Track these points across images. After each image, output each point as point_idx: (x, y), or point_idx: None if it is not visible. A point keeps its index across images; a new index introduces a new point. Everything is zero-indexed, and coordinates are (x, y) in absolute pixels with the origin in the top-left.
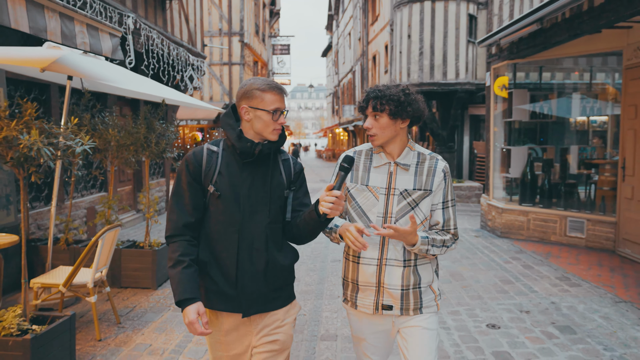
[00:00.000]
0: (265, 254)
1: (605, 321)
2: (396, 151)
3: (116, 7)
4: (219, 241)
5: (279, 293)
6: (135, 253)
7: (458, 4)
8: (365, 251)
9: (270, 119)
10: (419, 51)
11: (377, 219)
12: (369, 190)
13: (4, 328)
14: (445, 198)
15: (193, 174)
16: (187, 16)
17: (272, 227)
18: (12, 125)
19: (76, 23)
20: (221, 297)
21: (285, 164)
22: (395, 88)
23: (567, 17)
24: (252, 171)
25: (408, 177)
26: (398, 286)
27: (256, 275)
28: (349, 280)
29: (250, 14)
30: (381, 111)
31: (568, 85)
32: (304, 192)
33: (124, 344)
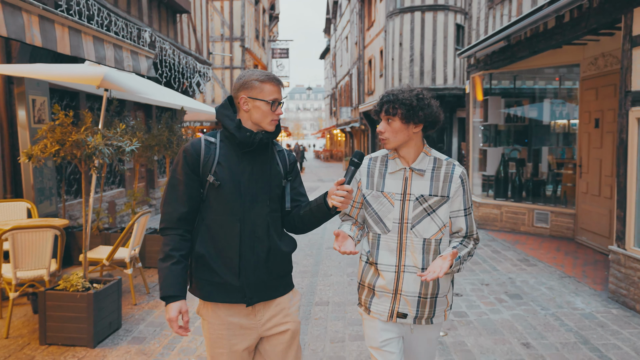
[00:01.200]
0: (267, 242)
1: (549, 290)
2: (411, 156)
3: (135, 23)
4: (220, 232)
5: (280, 281)
6: (157, 238)
7: (446, 14)
8: (383, 257)
9: (269, 109)
10: (410, 58)
11: (394, 225)
12: (384, 197)
13: (72, 285)
14: (466, 205)
15: (191, 165)
16: (194, 27)
17: (272, 216)
18: (82, 130)
19: (124, 50)
20: (224, 288)
21: (281, 154)
22: (408, 92)
23: (528, 36)
24: (251, 161)
25: (424, 182)
26: (416, 293)
27: (258, 264)
28: (365, 284)
29: (251, 20)
30: (393, 115)
31: (539, 92)
32: (299, 182)
33: (154, 307)
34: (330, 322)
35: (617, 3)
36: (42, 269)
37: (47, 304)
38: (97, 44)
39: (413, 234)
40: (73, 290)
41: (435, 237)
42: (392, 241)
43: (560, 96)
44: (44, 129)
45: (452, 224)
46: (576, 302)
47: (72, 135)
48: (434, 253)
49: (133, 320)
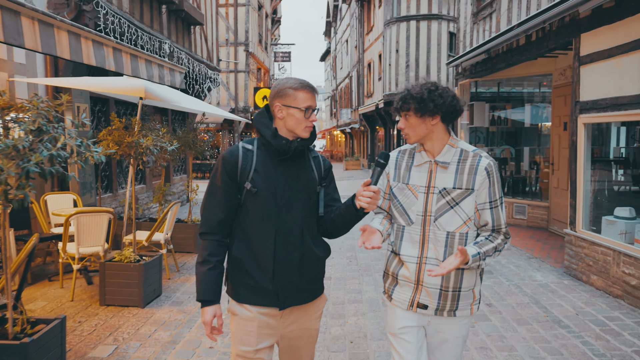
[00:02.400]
0: (300, 247)
1: (516, 268)
2: (436, 149)
3: (157, 36)
4: (256, 237)
5: (311, 285)
6: (181, 226)
7: (439, 23)
8: (405, 248)
9: (303, 116)
10: (406, 64)
11: (417, 218)
12: (408, 189)
13: (126, 257)
14: (492, 197)
15: (229, 173)
16: (206, 37)
17: (307, 221)
18: (135, 133)
19: (165, 68)
20: (258, 291)
21: (316, 161)
22: (419, 86)
23: (505, 50)
24: (287, 168)
25: (448, 175)
26: (437, 286)
27: (291, 268)
28: (390, 272)
29: (254, 25)
30: (407, 110)
31: (520, 97)
32: (333, 188)
33: (185, 281)
34: (332, 291)
35: (569, 28)
36: (99, 246)
37: (107, 273)
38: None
39: (436, 227)
40: (127, 262)
41: (460, 230)
42: (415, 233)
43: (539, 101)
44: (103, 132)
45: (479, 217)
46: (536, 276)
47: (127, 137)
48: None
49: (170, 289)
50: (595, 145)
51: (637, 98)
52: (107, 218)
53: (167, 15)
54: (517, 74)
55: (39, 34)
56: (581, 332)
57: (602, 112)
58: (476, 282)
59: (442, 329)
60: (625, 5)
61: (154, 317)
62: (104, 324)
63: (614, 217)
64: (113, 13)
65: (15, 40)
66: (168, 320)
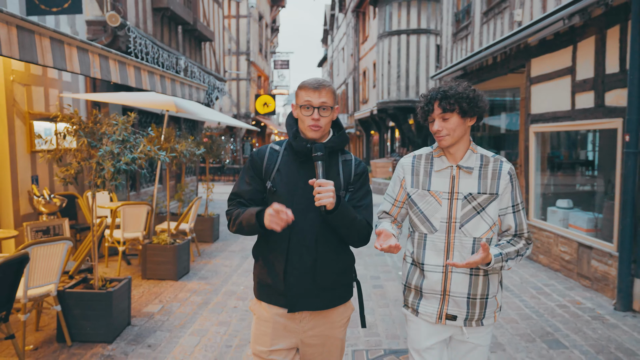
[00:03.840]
0: (314, 251)
1: None
2: (459, 153)
3: (174, 53)
4: (272, 236)
5: (329, 293)
6: (200, 219)
7: (428, 37)
8: (429, 257)
9: (302, 114)
10: (397, 74)
11: (441, 224)
12: (431, 195)
13: (162, 240)
14: (515, 201)
15: (255, 170)
16: (214, 51)
17: (324, 227)
18: (172, 139)
19: (193, 86)
20: (271, 290)
21: (346, 164)
22: (460, 86)
23: (477, 68)
24: (309, 170)
25: (472, 180)
26: (465, 294)
27: (304, 272)
28: (412, 286)
29: (255, 35)
30: (451, 111)
31: (498, 106)
32: (362, 194)
33: (207, 262)
34: None
35: (523, 54)
36: (139, 232)
37: (147, 253)
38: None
39: (462, 233)
40: (164, 244)
41: (486, 236)
42: (439, 241)
43: (512, 110)
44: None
45: (501, 222)
46: None
47: (164, 144)
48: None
49: (195, 269)
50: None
51: (568, 113)
52: (146, 210)
53: (182, 34)
54: (491, 87)
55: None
56: (521, 293)
57: (546, 123)
58: (498, 289)
59: (469, 338)
60: (560, 39)
61: (186, 287)
62: (149, 291)
63: (556, 208)
64: (140, 36)
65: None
66: (198, 290)
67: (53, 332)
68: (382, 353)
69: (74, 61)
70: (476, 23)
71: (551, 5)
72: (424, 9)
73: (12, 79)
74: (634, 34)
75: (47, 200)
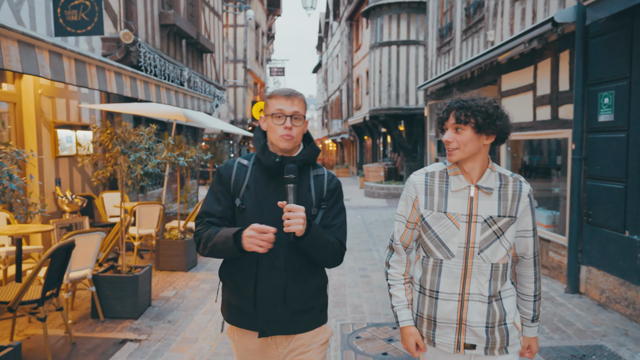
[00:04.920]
0: (284, 274)
1: None
2: (476, 172)
3: (178, 64)
4: (240, 259)
5: (301, 316)
6: None
7: (417, 48)
8: (445, 285)
9: (273, 122)
10: (388, 83)
11: (459, 250)
12: (448, 218)
13: (174, 236)
14: (534, 225)
15: (224, 185)
16: (214, 61)
17: (294, 247)
18: (183, 146)
19: (200, 99)
20: (241, 313)
21: (318, 180)
22: (482, 99)
23: (458, 81)
24: (278, 186)
25: (491, 202)
26: (483, 323)
27: (274, 297)
28: (424, 316)
29: (252, 43)
30: (465, 123)
31: None
32: (335, 212)
33: None
34: None
35: (496, 70)
36: (152, 229)
37: (161, 247)
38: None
39: (481, 259)
40: (175, 239)
41: (503, 261)
42: (455, 267)
43: None
44: (157, 146)
45: (515, 245)
46: None
47: (176, 150)
48: (502, 278)
49: (202, 262)
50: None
51: (531, 124)
52: (158, 209)
53: (186, 47)
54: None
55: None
56: None
57: (514, 132)
58: (516, 313)
59: None
60: (524, 59)
61: (196, 277)
62: (163, 280)
63: None
64: (149, 50)
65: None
66: (206, 279)
67: (86, 310)
68: (365, 325)
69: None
70: (457, 39)
71: (517, 29)
72: (413, 21)
73: (40, 92)
74: (578, 57)
75: (70, 200)
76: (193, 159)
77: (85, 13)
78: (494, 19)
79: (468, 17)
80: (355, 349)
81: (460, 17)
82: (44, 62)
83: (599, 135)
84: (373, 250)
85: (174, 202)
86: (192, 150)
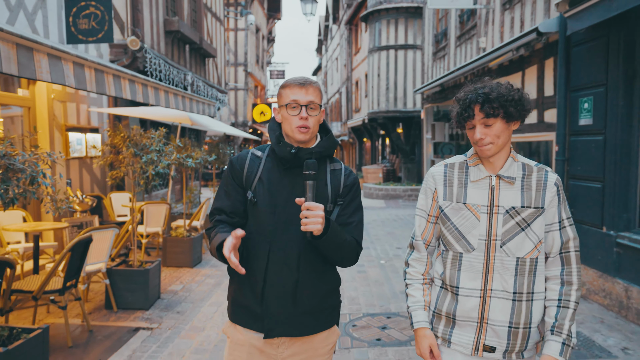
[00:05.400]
0: (295, 272)
1: None
2: (500, 162)
3: (182, 69)
4: (252, 252)
5: (311, 317)
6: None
7: (415, 52)
8: (465, 280)
9: (288, 113)
10: (386, 87)
11: (479, 242)
12: (467, 209)
13: (180, 234)
14: (561, 217)
15: (236, 179)
16: (216, 66)
17: (308, 243)
18: (189, 147)
19: (205, 104)
20: (246, 312)
21: (335, 174)
22: (503, 86)
23: (452, 85)
24: (293, 179)
25: (514, 192)
26: (506, 322)
27: (284, 295)
28: (443, 313)
29: (252, 47)
30: (495, 115)
31: None
32: (352, 210)
33: None
34: None
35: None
36: (159, 227)
37: (167, 244)
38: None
39: (504, 253)
40: (181, 237)
41: (531, 255)
42: (476, 261)
43: None
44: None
45: (544, 240)
46: None
47: (182, 152)
48: (530, 275)
49: (206, 259)
50: None
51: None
52: (165, 208)
53: (189, 52)
54: None
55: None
56: None
57: None
58: (542, 316)
59: None
60: (513, 65)
61: (201, 273)
62: (170, 275)
63: None
64: (155, 56)
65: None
66: (211, 274)
67: (100, 302)
68: (361, 315)
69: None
70: (451, 45)
71: (506, 36)
72: (410, 26)
73: (52, 97)
74: (560, 65)
75: (81, 200)
76: (199, 161)
77: (95, 22)
78: (486, 26)
79: (462, 24)
80: (351, 336)
81: (454, 23)
82: (69, 72)
83: (579, 138)
84: (370, 248)
85: (177, 202)
86: (198, 152)
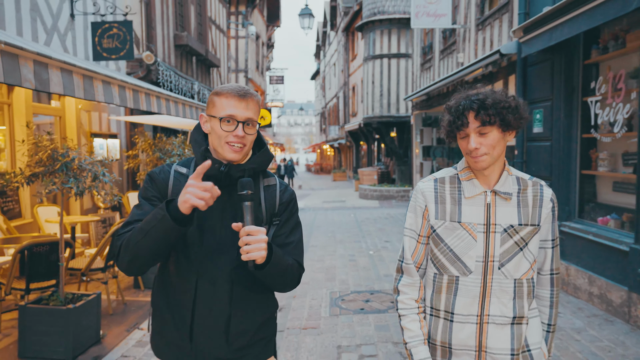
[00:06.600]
0: (228, 306)
1: None
2: (495, 175)
3: (189, 79)
4: (177, 283)
5: (246, 352)
6: None
7: (407, 60)
8: (461, 306)
9: (220, 128)
10: (380, 93)
11: (477, 265)
12: (463, 228)
13: None
14: (554, 234)
15: (158, 192)
16: (220, 74)
17: (239, 273)
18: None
19: None
20: (174, 349)
21: (269, 190)
22: (497, 93)
23: (436, 94)
24: (222, 200)
25: (510, 209)
26: (507, 350)
27: (215, 332)
28: (437, 342)
29: (253, 54)
30: (491, 124)
31: None
32: (290, 228)
33: None
34: (317, 250)
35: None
36: None
37: None
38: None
39: (502, 275)
40: None
41: (527, 276)
42: (473, 285)
43: None
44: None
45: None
46: None
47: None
48: (529, 297)
49: None
50: None
51: None
52: None
53: (196, 63)
54: None
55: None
56: None
57: None
58: (542, 334)
59: None
60: (485, 79)
61: None
62: None
63: None
64: (166, 68)
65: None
66: None
67: (129, 283)
68: (349, 292)
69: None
70: (436, 58)
71: (480, 53)
72: (403, 36)
73: (79, 107)
74: (519, 81)
75: None
76: None
77: (118, 41)
78: (464, 43)
79: (445, 39)
80: (339, 307)
81: (438, 38)
82: (99, 89)
83: (534, 144)
84: (361, 241)
85: None
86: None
